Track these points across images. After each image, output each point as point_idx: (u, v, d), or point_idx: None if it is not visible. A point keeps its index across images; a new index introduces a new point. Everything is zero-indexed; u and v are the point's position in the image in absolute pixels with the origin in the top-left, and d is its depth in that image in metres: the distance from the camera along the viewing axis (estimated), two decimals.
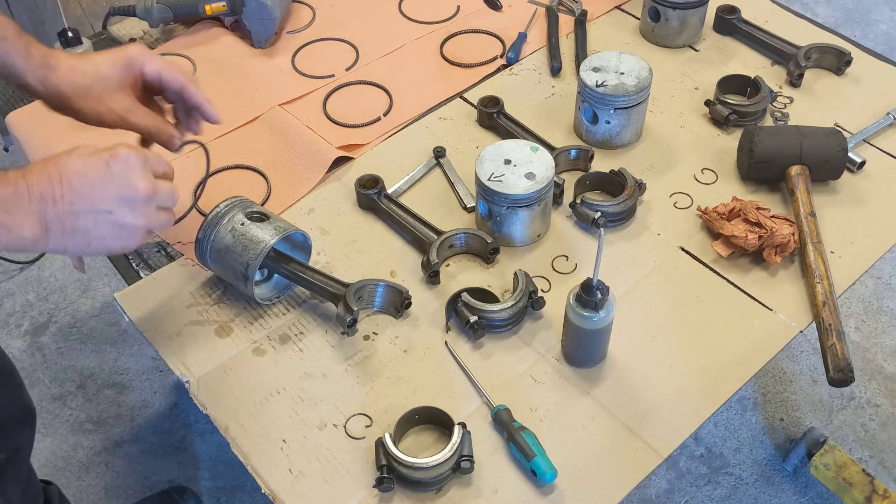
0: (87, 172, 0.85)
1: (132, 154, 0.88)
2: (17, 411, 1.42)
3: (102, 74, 1.03)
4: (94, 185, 0.85)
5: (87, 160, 0.86)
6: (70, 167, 0.85)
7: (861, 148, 1.38)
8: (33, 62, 1.02)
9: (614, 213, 1.25)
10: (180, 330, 1.16)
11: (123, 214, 0.88)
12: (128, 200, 0.87)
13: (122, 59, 1.04)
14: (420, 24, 1.63)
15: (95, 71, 1.03)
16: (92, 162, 0.86)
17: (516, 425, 1.02)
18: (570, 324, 1.05)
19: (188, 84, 1.07)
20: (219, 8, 1.56)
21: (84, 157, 0.86)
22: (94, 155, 0.86)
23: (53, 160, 0.85)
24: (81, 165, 0.85)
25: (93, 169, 0.86)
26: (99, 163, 0.86)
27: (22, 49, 1.01)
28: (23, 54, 1.01)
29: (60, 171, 0.85)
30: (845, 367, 1.10)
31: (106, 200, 0.86)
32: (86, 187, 0.85)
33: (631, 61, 1.35)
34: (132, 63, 1.05)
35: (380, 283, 1.14)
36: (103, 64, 1.03)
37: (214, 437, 1.96)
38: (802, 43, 1.51)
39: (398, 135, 1.43)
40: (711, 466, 1.90)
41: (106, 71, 1.03)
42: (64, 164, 0.85)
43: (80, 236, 0.86)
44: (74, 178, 0.85)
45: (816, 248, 1.20)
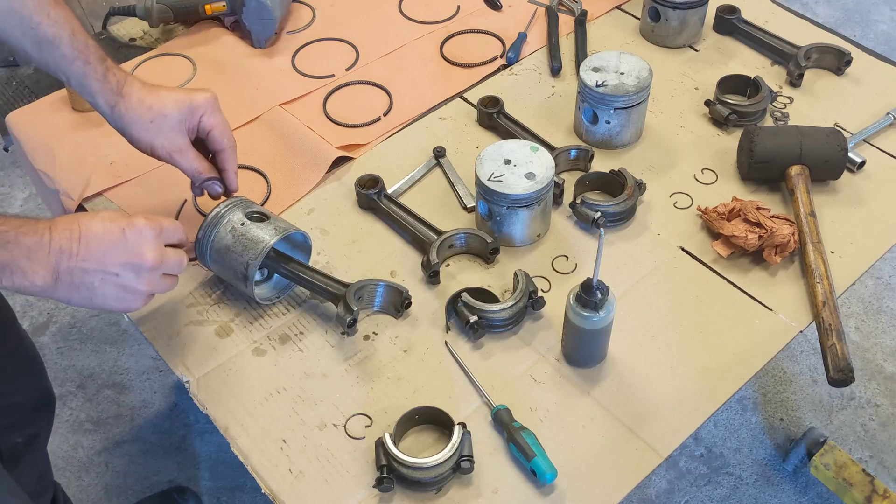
0: (104, 236, 0.92)
1: (147, 226, 0.95)
2: (38, 396, 1.46)
3: (166, 112, 1.12)
4: (107, 247, 0.92)
5: (107, 225, 0.93)
6: (91, 228, 0.92)
7: (861, 148, 1.38)
8: (108, 88, 1.11)
9: (614, 213, 1.25)
10: (180, 330, 1.16)
11: (128, 279, 0.94)
12: (134, 267, 0.94)
13: (187, 104, 1.13)
14: (420, 24, 1.63)
15: (161, 108, 1.12)
16: (110, 227, 0.93)
17: (516, 425, 1.02)
18: (570, 324, 1.05)
19: (228, 150, 1.17)
20: (219, 8, 1.56)
21: (105, 221, 0.93)
22: (114, 221, 0.94)
23: (77, 219, 0.93)
24: (101, 229, 0.92)
25: (109, 234, 0.93)
26: (116, 229, 0.93)
27: (101, 74, 1.10)
28: (100, 79, 1.10)
29: (81, 229, 0.92)
30: (845, 367, 1.10)
31: (114, 264, 0.93)
32: (99, 249, 0.92)
33: (631, 61, 1.35)
34: (195, 110, 1.13)
35: (380, 283, 1.14)
36: (170, 103, 1.12)
37: (214, 437, 1.96)
38: (802, 43, 1.51)
39: (398, 135, 1.43)
40: (711, 466, 1.90)
41: (170, 110, 1.12)
42: (86, 224, 0.92)
43: (85, 291, 0.93)
44: (92, 238, 0.92)
45: (816, 248, 1.20)
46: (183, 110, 1.13)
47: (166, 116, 1.12)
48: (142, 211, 1.08)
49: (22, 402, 1.41)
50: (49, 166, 1.35)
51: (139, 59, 1.55)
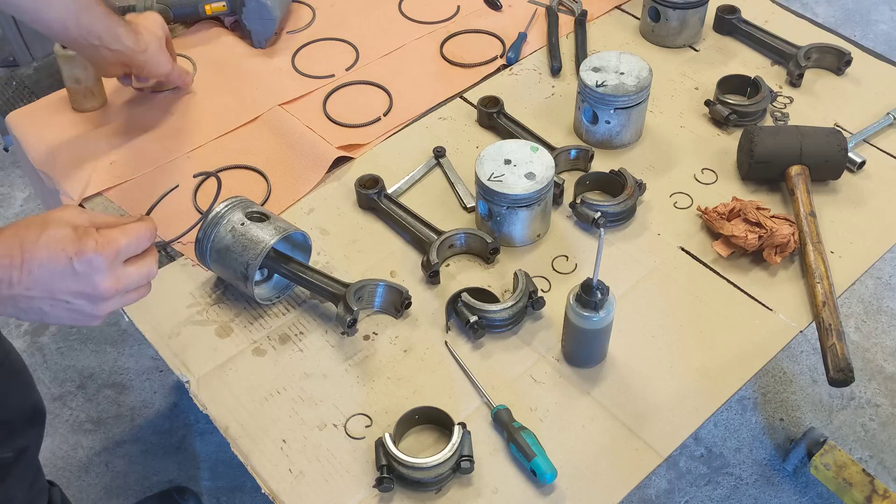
0: (49, 264, 0.83)
1: (98, 256, 0.84)
2: (26, 410, 1.43)
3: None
4: (54, 277, 0.83)
5: (53, 251, 0.83)
6: (34, 255, 0.82)
7: (861, 148, 1.38)
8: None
9: (614, 213, 1.25)
10: (180, 330, 1.16)
11: (81, 305, 0.87)
12: (87, 296, 0.86)
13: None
14: (420, 24, 1.63)
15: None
16: (56, 255, 0.83)
17: (516, 425, 1.02)
18: (570, 324, 1.05)
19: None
20: (219, 8, 1.56)
21: (51, 246, 0.83)
22: (61, 247, 0.83)
23: (20, 241, 0.83)
24: (45, 256, 0.83)
25: (55, 262, 0.83)
26: (63, 257, 0.83)
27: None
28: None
29: (24, 255, 0.82)
30: (845, 367, 1.10)
31: (64, 292, 0.85)
32: (45, 277, 0.83)
33: (631, 61, 1.35)
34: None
35: (380, 283, 1.14)
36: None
37: (214, 437, 1.96)
38: (802, 43, 1.51)
39: (398, 135, 1.43)
40: (711, 466, 1.90)
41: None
42: (29, 250, 0.83)
43: (34, 314, 0.86)
44: (36, 267, 0.82)
45: (816, 248, 1.20)
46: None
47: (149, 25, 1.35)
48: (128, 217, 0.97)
49: (9, 418, 1.36)
50: (49, 166, 1.35)
51: None
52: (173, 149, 1.39)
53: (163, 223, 1.28)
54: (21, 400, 1.42)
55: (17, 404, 1.40)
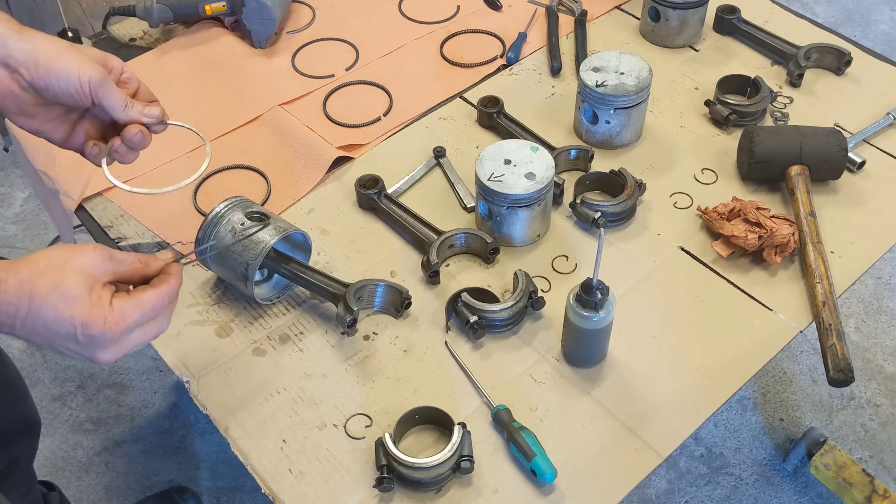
0: (54, 326, 0.80)
1: (105, 334, 0.81)
2: (18, 422, 1.41)
3: (82, 45, 0.97)
4: (56, 335, 0.81)
5: (59, 315, 0.80)
6: (41, 311, 0.80)
7: (861, 148, 1.38)
8: (10, 24, 0.94)
9: (614, 213, 1.25)
10: (180, 330, 1.16)
11: (78, 357, 0.84)
12: (84, 357, 0.84)
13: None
14: (420, 24, 1.63)
15: (73, 45, 0.96)
16: (62, 320, 0.80)
17: (516, 425, 1.02)
18: (570, 324, 1.05)
19: (142, 85, 1.00)
20: (219, 8, 1.56)
21: (58, 309, 0.79)
22: (69, 314, 0.80)
23: (31, 288, 0.79)
24: (52, 317, 0.80)
25: (60, 325, 0.80)
26: (68, 324, 0.80)
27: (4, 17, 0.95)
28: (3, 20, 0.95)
29: (31, 307, 0.79)
30: (845, 367, 1.10)
31: (63, 347, 0.83)
32: (47, 333, 0.81)
33: (631, 61, 1.35)
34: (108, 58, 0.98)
35: (380, 283, 1.14)
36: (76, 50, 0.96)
37: (214, 437, 1.96)
38: (802, 43, 1.51)
39: (398, 135, 1.43)
40: (711, 466, 1.90)
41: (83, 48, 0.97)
42: (38, 303, 0.79)
43: (35, 344, 0.84)
44: (39, 322, 0.80)
45: (816, 248, 1.20)
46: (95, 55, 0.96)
47: (82, 47, 0.94)
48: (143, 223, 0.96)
49: (2, 429, 1.34)
50: (49, 166, 1.35)
51: (139, 59, 1.55)
52: (173, 149, 1.39)
53: (163, 223, 1.29)
54: (14, 412, 1.40)
55: (10, 416, 1.39)
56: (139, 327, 0.84)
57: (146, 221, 1.29)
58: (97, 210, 1.31)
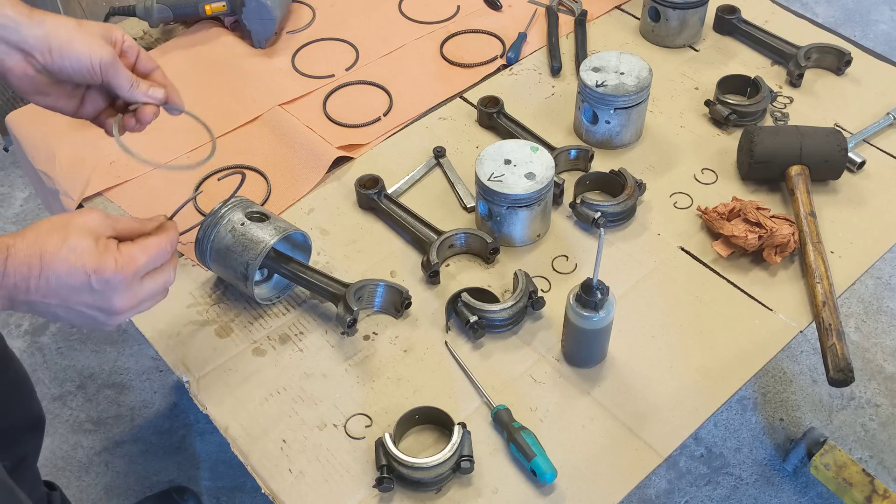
0: (67, 278, 0.83)
1: (117, 275, 0.85)
2: (27, 419, 1.42)
3: (91, 23, 1.01)
4: (71, 290, 0.84)
5: (72, 266, 0.83)
6: (53, 266, 0.83)
7: (861, 148, 1.38)
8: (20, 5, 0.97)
9: (614, 213, 1.25)
10: (180, 330, 1.16)
11: (95, 315, 0.88)
12: (102, 310, 0.87)
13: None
14: (420, 24, 1.63)
15: (82, 22, 1.00)
16: (74, 270, 0.83)
17: (516, 425, 1.02)
18: (570, 324, 1.05)
19: (157, 67, 1.07)
20: (219, 8, 1.56)
21: (70, 260, 0.83)
22: (81, 262, 0.83)
23: (40, 250, 0.83)
24: (64, 269, 0.83)
25: (73, 276, 0.83)
26: (81, 273, 0.83)
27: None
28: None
29: (43, 264, 0.82)
30: (845, 367, 1.10)
31: (79, 304, 0.85)
32: (62, 289, 0.84)
33: (631, 61, 1.35)
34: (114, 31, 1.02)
35: (380, 283, 1.14)
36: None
37: (214, 437, 1.96)
38: (802, 43, 1.51)
39: (398, 135, 1.43)
40: (711, 466, 1.90)
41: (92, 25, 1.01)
42: (49, 260, 0.83)
43: (48, 316, 0.87)
44: (53, 278, 0.83)
45: (816, 248, 1.20)
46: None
47: (88, 24, 0.99)
48: (136, 218, 0.94)
49: (10, 427, 1.36)
50: (49, 166, 1.35)
51: None
52: (173, 149, 1.39)
53: None
54: (23, 410, 1.41)
55: (19, 413, 1.40)
56: (149, 275, 0.89)
57: None
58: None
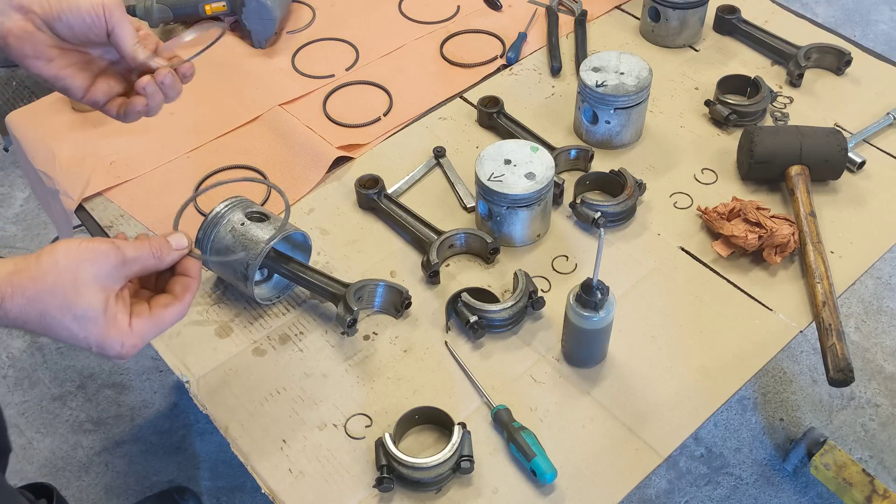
0: (68, 341, 0.78)
1: (122, 354, 0.80)
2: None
3: None
4: (72, 341, 0.79)
5: (73, 336, 0.78)
6: (54, 329, 0.77)
7: (861, 148, 1.38)
8: None
9: (614, 213, 1.25)
10: (180, 330, 1.16)
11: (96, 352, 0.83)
12: (101, 355, 0.82)
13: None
14: (420, 24, 1.63)
15: None
16: (77, 339, 0.78)
17: (516, 425, 1.02)
18: (570, 324, 1.05)
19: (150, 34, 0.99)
20: (219, 8, 1.56)
21: (72, 331, 0.77)
22: (83, 335, 0.78)
23: (42, 307, 0.76)
24: (66, 336, 0.78)
25: (74, 342, 0.79)
26: (83, 343, 0.79)
27: None
28: None
29: (43, 326, 0.77)
30: (845, 367, 1.10)
31: (80, 346, 0.80)
32: (62, 338, 0.78)
33: (631, 61, 1.35)
34: None
35: (380, 283, 1.14)
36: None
37: (214, 437, 1.96)
38: (802, 43, 1.51)
39: (398, 135, 1.43)
40: (711, 466, 1.90)
41: None
42: (51, 324, 0.77)
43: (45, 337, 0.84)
44: (52, 335, 0.78)
45: (816, 248, 1.20)
46: None
47: None
48: (136, 235, 0.88)
49: None
50: (49, 166, 1.35)
51: None
52: (173, 149, 1.39)
53: (163, 223, 1.29)
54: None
55: None
56: (145, 320, 0.83)
57: (146, 221, 1.29)
58: (97, 210, 1.31)
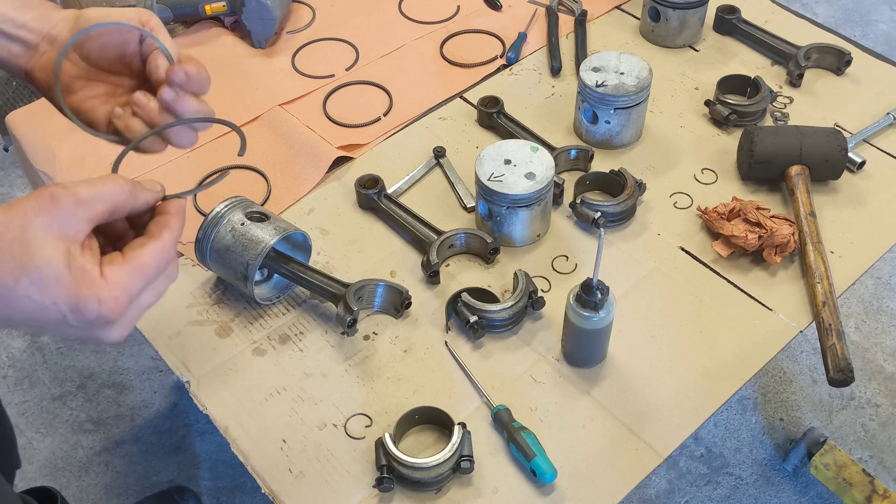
0: (37, 316, 0.63)
1: (102, 317, 0.64)
2: (7, 475, 1.40)
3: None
4: (46, 324, 0.64)
5: (39, 305, 0.62)
6: (15, 303, 0.62)
7: (861, 148, 1.38)
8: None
9: (614, 213, 1.25)
10: (180, 330, 1.16)
11: (87, 338, 0.68)
12: (89, 340, 0.68)
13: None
14: (420, 24, 1.63)
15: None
16: (44, 308, 0.62)
17: (516, 425, 1.02)
18: (570, 324, 1.05)
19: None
20: (219, 8, 1.56)
21: (35, 300, 0.62)
22: (50, 301, 0.62)
23: (5, 279, 0.61)
24: (31, 308, 0.62)
25: (44, 313, 0.63)
26: (53, 312, 0.63)
27: None
28: None
29: (1, 301, 0.62)
30: (845, 367, 1.10)
31: (61, 332, 0.66)
32: (34, 324, 0.64)
33: (631, 61, 1.35)
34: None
35: (380, 283, 1.14)
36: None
37: (214, 437, 1.96)
38: (802, 43, 1.51)
39: (398, 135, 1.43)
40: (711, 466, 1.90)
41: None
42: (8, 294, 0.61)
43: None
44: (18, 316, 0.63)
45: (816, 248, 1.20)
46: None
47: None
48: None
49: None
50: (49, 166, 1.35)
51: None
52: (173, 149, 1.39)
53: None
54: (7, 466, 1.41)
55: (4, 471, 1.37)
56: (146, 290, 0.68)
57: None
58: None
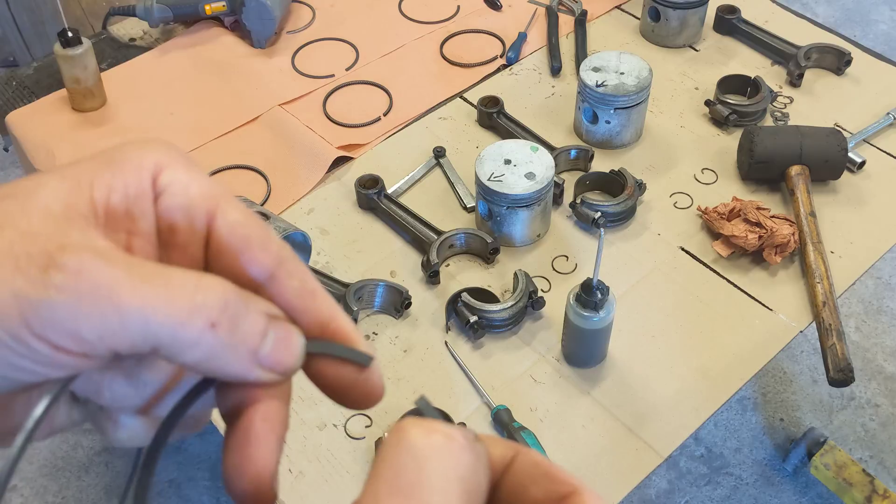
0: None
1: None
2: None
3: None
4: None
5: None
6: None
7: (861, 148, 1.38)
8: None
9: (614, 213, 1.25)
10: None
11: None
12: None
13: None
14: (420, 24, 1.63)
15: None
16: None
17: (516, 425, 1.02)
18: (570, 324, 1.05)
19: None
20: (219, 8, 1.56)
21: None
22: None
23: None
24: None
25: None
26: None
27: None
28: None
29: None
30: (845, 367, 1.10)
31: None
32: None
33: (631, 61, 1.35)
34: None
35: (380, 283, 1.14)
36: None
37: (214, 437, 1.96)
38: (802, 43, 1.51)
39: (398, 135, 1.43)
40: (711, 466, 1.90)
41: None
42: None
43: None
44: None
45: (816, 248, 1.20)
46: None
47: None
48: None
49: None
50: (49, 166, 1.35)
51: (139, 59, 1.55)
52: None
53: None
54: None
55: None
56: None
57: None
58: None
